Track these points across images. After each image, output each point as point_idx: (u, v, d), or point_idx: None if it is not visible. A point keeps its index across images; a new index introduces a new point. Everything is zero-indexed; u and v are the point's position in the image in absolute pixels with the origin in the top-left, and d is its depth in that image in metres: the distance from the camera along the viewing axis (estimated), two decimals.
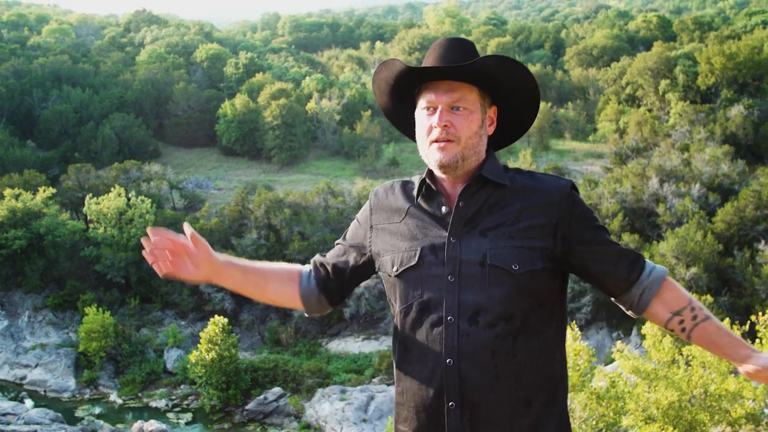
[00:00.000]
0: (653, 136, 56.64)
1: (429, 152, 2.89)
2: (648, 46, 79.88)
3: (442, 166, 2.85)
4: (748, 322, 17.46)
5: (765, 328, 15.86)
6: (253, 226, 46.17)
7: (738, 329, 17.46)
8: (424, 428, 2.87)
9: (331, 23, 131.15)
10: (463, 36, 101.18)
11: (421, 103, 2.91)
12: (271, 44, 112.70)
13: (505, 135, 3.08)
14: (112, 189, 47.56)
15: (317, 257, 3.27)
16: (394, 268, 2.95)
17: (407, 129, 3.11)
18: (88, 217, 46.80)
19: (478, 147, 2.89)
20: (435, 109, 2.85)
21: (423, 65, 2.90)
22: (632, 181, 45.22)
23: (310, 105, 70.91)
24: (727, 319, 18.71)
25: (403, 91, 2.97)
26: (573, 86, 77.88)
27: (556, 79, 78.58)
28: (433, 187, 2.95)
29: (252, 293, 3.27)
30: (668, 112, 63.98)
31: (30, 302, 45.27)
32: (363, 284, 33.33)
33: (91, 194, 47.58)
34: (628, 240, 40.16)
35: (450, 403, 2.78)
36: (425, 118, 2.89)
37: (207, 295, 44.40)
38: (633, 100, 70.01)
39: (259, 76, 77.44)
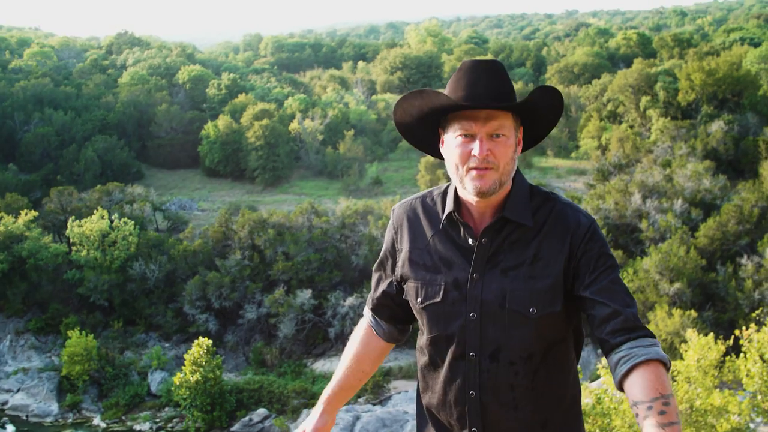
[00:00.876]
0: (635, 153, 56.96)
1: (465, 179, 2.86)
2: (628, 63, 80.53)
3: (481, 194, 2.84)
4: (732, 336, 17.51)
5: (749, 342, 15.90)
6: (237, 246, 46.02)
7: (722, 344, 17.50)
8: None
9: (313, 44, 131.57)
10: (444, 55, 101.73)
11: (456, 128, 2.86)
12: (253, 65, 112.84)
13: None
14: (94, 211, 47.34)
15: (369, 301, 3.39)
16: (419, 300, 3.04)
17: (421, 143, 3.11)
18: (71, 240, 46.54)
19: (512, 171, 2.90)
20: (473, 136, 2.82)
21: (452, 90, 2.86)
22: (615, 198, 45.40)
23: (293, 125, 70.94)
24: (712, 333, 18.75)
25: (434, 116, 2.95)
26: None
27: None
28: (460, 219, 2.97)
29: (363, 382, 3.45)
30: (649, 129, 64.36)
31: (12, 326, 44.91)
32: (347, 303, 32.85)
33: (73, 217, 47.35)
34: None
35: (473, 429, 2.98)
36: (461, 145, 2.84)
37: (191, 316, 44.17)
38: (614, 117, 70.40)
39: (241, 97, 77.45)
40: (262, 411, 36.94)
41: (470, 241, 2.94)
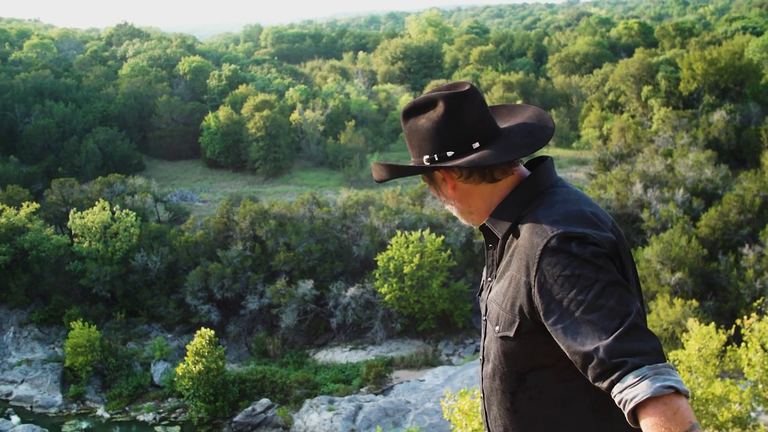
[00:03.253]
0: (636, 142, 56.89)
1: None
2: (630, 53, 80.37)
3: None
4: (734, 326, 17.54)
5: (750, 331, 15.92)
6: (238, 237, 46.05)
7: (724, 333, 17.52)
8: None
9: (314, 34, 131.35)
10: (445, 46, 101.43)
11: None
12: (253, 56, 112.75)
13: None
14: (96, 203, 47.37)
15: None
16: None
17: None
18: (73, 232, 46.58)
19: (479, 204, 2.88)
20: None
21: None
22: (616, 187, 45.37)
23: (294, 116, 70.90)
24: (713, 323, 18.77)
25: None
26: (556, 93, 78.17)
27: (539, 87, 78.92)
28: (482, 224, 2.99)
29: None
30: (651, 118, 64.29)
31: (15, 318, 44.98)
32: (349, 294, 32.86)
33: (75, 208, 47.38)
34: None
35: (485, 430, 3.01)
36: None
37: (193, 307, 44.23)
38: (616, 107, 70.31)
39: (242, 88, 77.41)
40: (264, 401, 37.03)
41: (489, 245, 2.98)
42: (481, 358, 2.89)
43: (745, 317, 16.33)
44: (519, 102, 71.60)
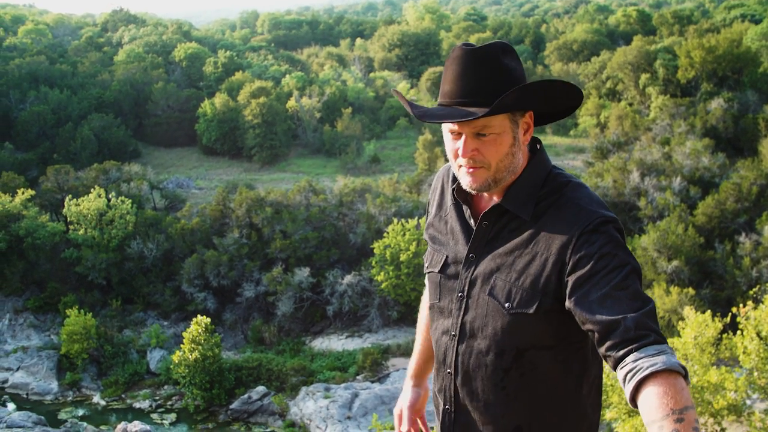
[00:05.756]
0: (634, 130, 56.83)
1: (459, 175, 2.80)
2: (628, 41, 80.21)
3: (474, 190, 2.78)
4: (730, 314, 17.52)
5: (746, 319, 15.91)
6: (234, 225, 45.98)
7: (720, 321, 17.51)
8: (437, 414, 3.07)
9: (311, 21, 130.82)
10: (443, 33, 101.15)
11: (445, 125, 2.77)
12: (250, 42, 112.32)
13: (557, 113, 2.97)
14: (91, 190, 47.22)
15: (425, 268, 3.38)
16: (426, 265, 3.09)
17: None
18: (68, 219, 46.47)
19: (513, 165, 2.76)
20: (459, 134, 2.72)
21: (442, 81, 2.74)
22: (613, 175, 45.33)
23: (291, 103, 70.68)
24: (709, 311, 18.75)
25: None
26: None
27: (536, 74, 78.66)
28: (459, 199, 2.94)
29: None
30: (649, 106, 64.20)
31: (10, 305, 44.90)
32: (345, 281, 32.74)
33: (70, 195, 47.24)
34: None
35: (446, 406, 2.96)
36: (450, 141, 2.77)
37: (189, 295, 44.18)
38: (614, 95, 70.19)
39: (238, 75, 77.11)
40: (260, 389, 37.04)
41: (472, 221, 2.91)
42: (454, 333, 2.86)
43: (741, 305, 16.33)
44: None
